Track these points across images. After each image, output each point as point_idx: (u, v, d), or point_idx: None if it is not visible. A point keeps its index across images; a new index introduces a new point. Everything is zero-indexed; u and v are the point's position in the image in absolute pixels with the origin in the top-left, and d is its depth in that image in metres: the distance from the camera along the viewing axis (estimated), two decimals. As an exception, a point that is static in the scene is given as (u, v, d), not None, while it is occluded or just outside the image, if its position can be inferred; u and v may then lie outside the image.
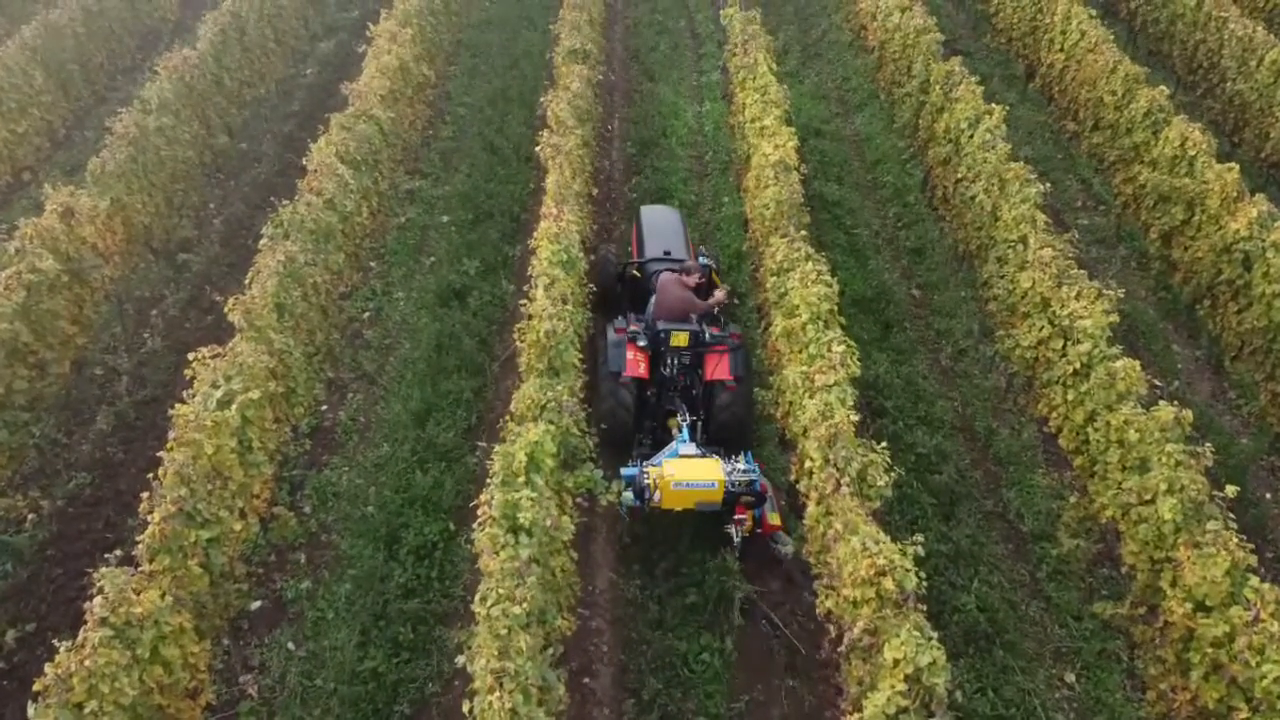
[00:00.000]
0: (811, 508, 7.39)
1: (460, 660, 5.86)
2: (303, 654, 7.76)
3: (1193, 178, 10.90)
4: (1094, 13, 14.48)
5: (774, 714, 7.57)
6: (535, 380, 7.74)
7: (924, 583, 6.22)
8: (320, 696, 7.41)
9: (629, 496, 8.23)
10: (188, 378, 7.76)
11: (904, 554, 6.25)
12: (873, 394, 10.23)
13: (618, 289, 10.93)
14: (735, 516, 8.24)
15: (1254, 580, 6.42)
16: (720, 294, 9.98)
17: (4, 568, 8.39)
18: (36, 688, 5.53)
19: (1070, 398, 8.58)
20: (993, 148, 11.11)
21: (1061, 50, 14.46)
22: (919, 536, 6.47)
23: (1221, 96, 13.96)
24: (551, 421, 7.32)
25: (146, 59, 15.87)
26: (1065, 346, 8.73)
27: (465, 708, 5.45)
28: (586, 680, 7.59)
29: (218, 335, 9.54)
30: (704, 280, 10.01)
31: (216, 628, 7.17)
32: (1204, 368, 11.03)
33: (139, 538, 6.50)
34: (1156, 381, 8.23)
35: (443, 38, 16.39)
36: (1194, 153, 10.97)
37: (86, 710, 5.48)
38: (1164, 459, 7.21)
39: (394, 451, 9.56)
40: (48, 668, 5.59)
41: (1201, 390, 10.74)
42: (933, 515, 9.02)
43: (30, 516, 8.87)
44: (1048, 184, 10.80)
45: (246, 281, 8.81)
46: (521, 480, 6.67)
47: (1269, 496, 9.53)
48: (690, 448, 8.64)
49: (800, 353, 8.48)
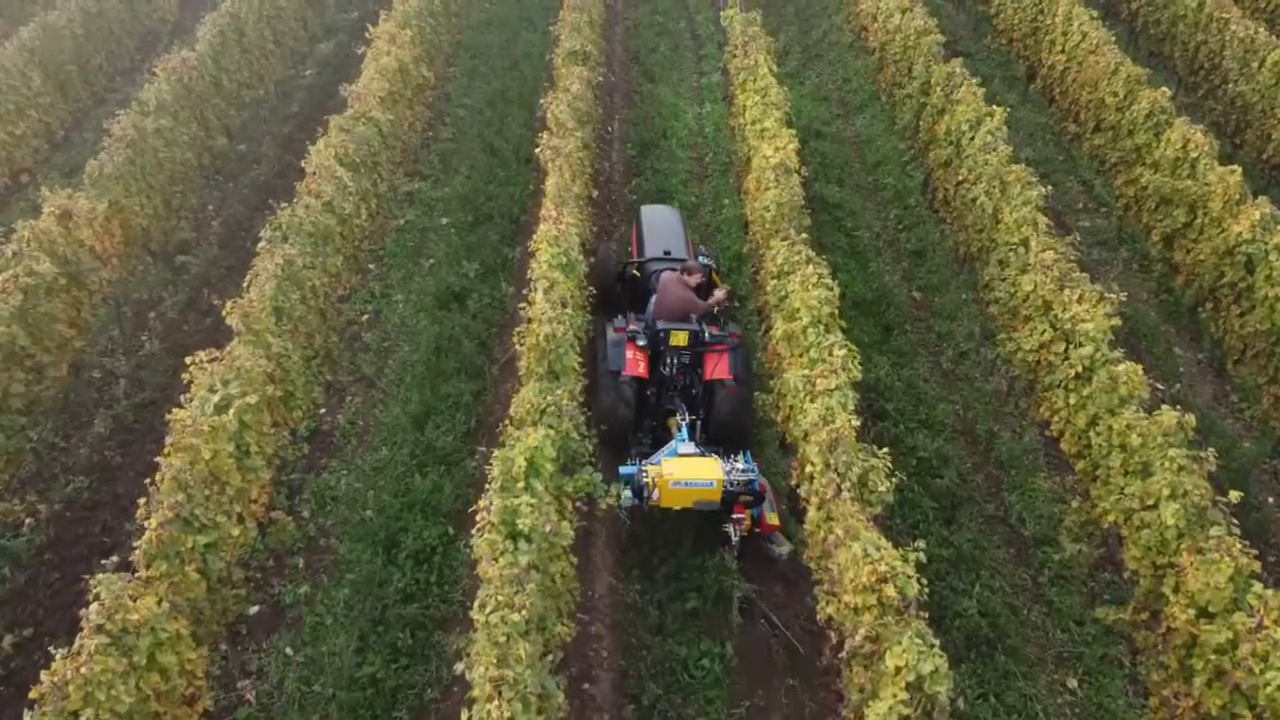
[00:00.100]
0: (812, 513, 7.35)
1: (459, 668, 5.82)
2: (301, 659, 7.71)
3: (1195, 180, 10.86)
4: (1095, 14, 14.42)
5: (774, 720, 7.54)
6: (535, 384, 7.71)
7: (925, 589, 6.18)
8: (319, 702, 7.36)
9: (628, 496, 8.21)
10: (185, 382, 7.73)
11: (905, 560, 6.21)
12: (874, 397, 10.20)
13: (617, 288, 10.89)
14: (734, 516, 8.22)
15: (1257, 586, 6.38)
16: (720, 294, 9.94)
17: (1, 572, 8.35)
18: (32, 695, 5.50)
19: (1072, 401, 8.54)
20: (994, 150, 11.06)
21: (1063, 51, 14.41)
22: (920, 543, 6.42)
23: (1223, 98, 13.91)
24: (551, 426, 7.27)
25: (145, 60, 15.81)
26: (1067, 350, 8.69)
27: (464, 715, 5.40)
28: (586, 686, 7.54)
29: (216, 338, 9.51)
30: (704, 280, 9.98)
31: (214, 633, 7.13)
32: (1206, 371, 10.99)
33: (136, 543, 6.48)
34: (1159, 385, 8.17)
35: (442, 39, 16.34)
36: (1196, 155, 10.93)
37: (82, 718, 5.45)
38: (1167, 464, 7.17)
39: (393, 455, 9.51)
40: (44, 675, 5.56)
41: (1203, 393, 10.69)
42: (934, 519, 8.98)
43: (28, 521, 8.83)
44: (1049, 186, 10.75)
45: (244, 285, 8.78)
46: (521, 486, 6.62)
47: (1271, 500, 9.49)
48: (689, 447, 8.62)
49: (801, 356, 8.45)
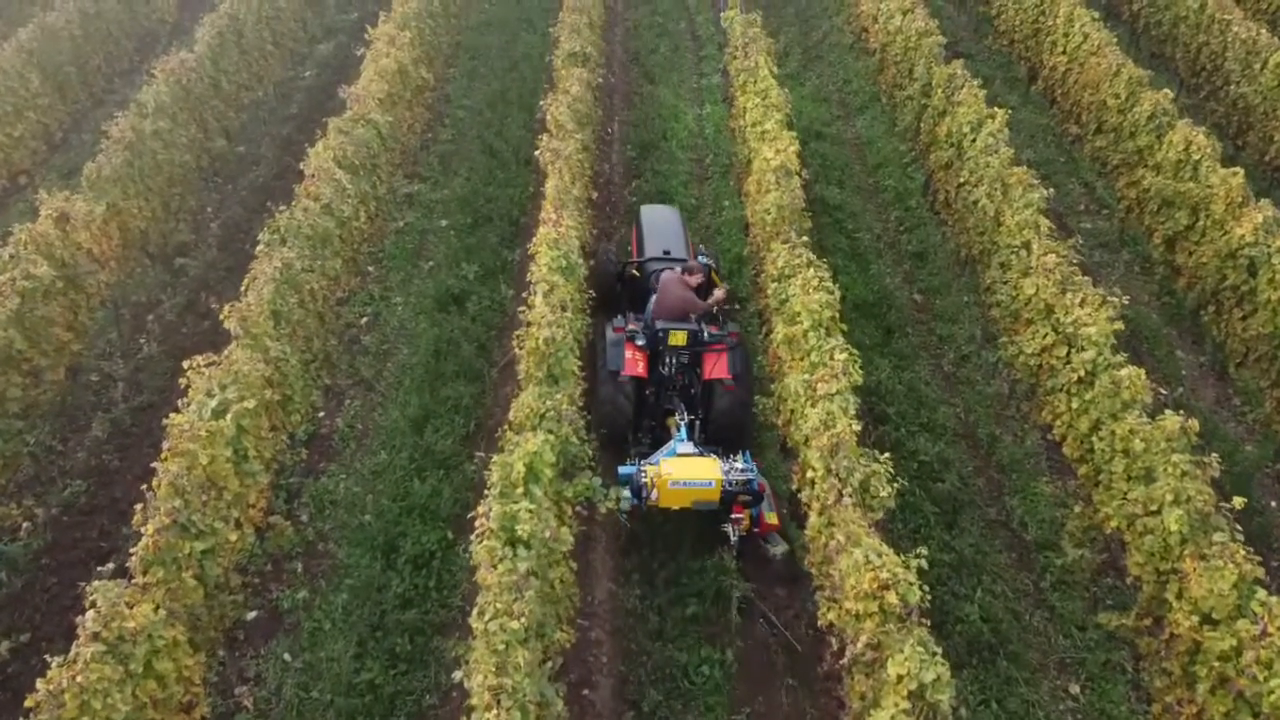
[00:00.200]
0: (813, 518, 7.30)
1: (458, 675, 5.78)
2: (299, 665, 7.67)
3: (1197, 182, 10.81)
4: (1096, 15, 14.37)
5: (775, 726, 7.49)
6: (534, 389, 7.66)
7: (927, 596, 6.14)
8: (317, 709, 7.32)
9: (626, 496, 8.18)
10: (183, 386, 7.69)
11: (907, 567, 6.17)
12: (875, 400, 10.15)
13: (617, 288, 10.86)
14: (732, 515, 8.21)
15: (1261, 593, 6.34)
16: (720, 293, 9.94)
17: (-2, 577, 8.33)
18: (28, 704, 5.46)
19: (1074, 406, 8.49)
20: (995, 152, 11.01)
21: (1064, 53, 14.36)
22: (922, 549, 6.38)
23: (1225, 100, 13.87)
24: (550, 431, 7.23)
25: (144, 61, 15.77)
26: (1069, 354, 8.64)
27: (462, 724, 5.38)
28: (586, 692, 7.50)
29: (214, 341, 9.45)
30: (704, 280, 9.98)
31: (211, 639, 7.09)
32: (1208, 374, 10.94)
33: (133, 549, 6.44)
34: (1161, 390, 8.12)
35: (441, 40, 16.29)
36: (1198, 157, 10.88)
37: (78, 727, 5.42)
38: (1170, 469, 7.12)
39: (392, 459, 9.47)
40: (39, 683, 5.52)
41: (1205, 397, 10.65)
42: (935, 524, 8.94)
43: (25, 525, 8.80)
44: (1050, 189, 10.71)
45: (242, 289, 8.73)
46: (520, 491, 6.59)
47: (1274, 505, 9.44)
48: (688, 446, 8.61)
49: (802, 360, 8.40)
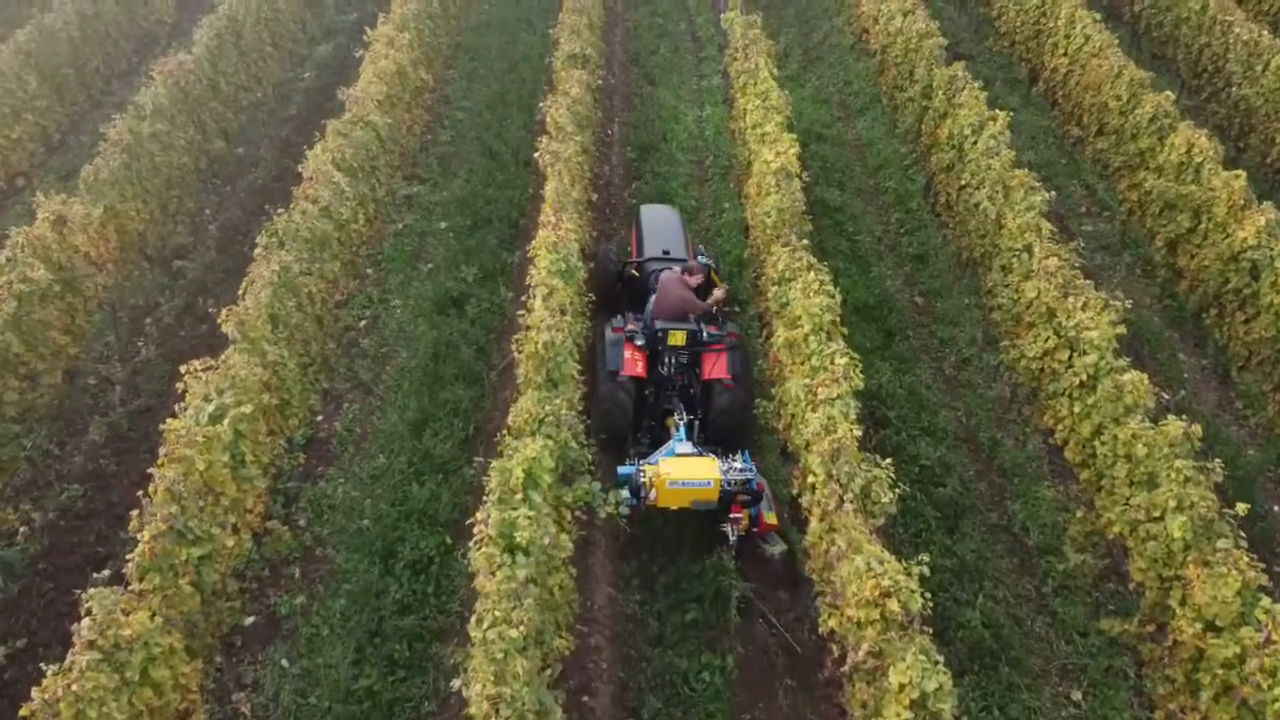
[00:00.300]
0: (814, 524, 7.26)
1: (456, 684, 5.74)
2: (297, 671, 7.62)
3: (1199, 185, 10.77)
4: (1098, 16, 14.31)
5: (776, 733, 7.45)
6: (533, 393, 7.61)
7: (929, 603, 6.10)
8: (314, 715, 7.27)
9: (625, 496, 8.14)
10: (180, 391, 7.65)
11: (909, 574, 6.12)
12: (875, 404, 10.10)
13: (617, 288, 10.84)
14: (731, 515, 8.19)
15: (1265, 600, 6.30)
16: (719, 293, 9.93)
17: (-5, 582, 8.28)
18: (23, 713, 5.42)
19: (1077, 410, 8.45)
20: (997, 154, 10.97)
21: (1065, 54, 14.31)
22: (924, 556, 6.34)
23: (1226, 101, 13.83)
24: (549, 436, 7.19)
25: (143, 63, 15.73)
26: (1071, 358, 8.60)
27: (461, 733, 5.34)
28: (585, 699, 7.45)
29: (213, 343, 9.39)
30: (704, 280, 9.96)
31: (208, 646, 7.05)
32: (1210, 377, 10.89)
33: (129, 555, 6.40)
34: (1164, 394, 8.07)
35: (441, 41, 16.25)
36: (1200, 159, 10.84)
37: (74, 736, 5.38)
38: (1173, 475, 7.08)
39: (390, 463, 9.42)
40: (35, 692, 5.49)
41: (1208, 400, 10.60)
42: (937, 528, 8.89)
43: (21, 529, 8.75)
44: (1052, 191, 10.67)
45: (240, 292, 8.69)
46: (519, 497, 6.54)
47: (1277, 509, 9.40)
48: (686, 446, 8.59)
49: (802, 364, 8.36)
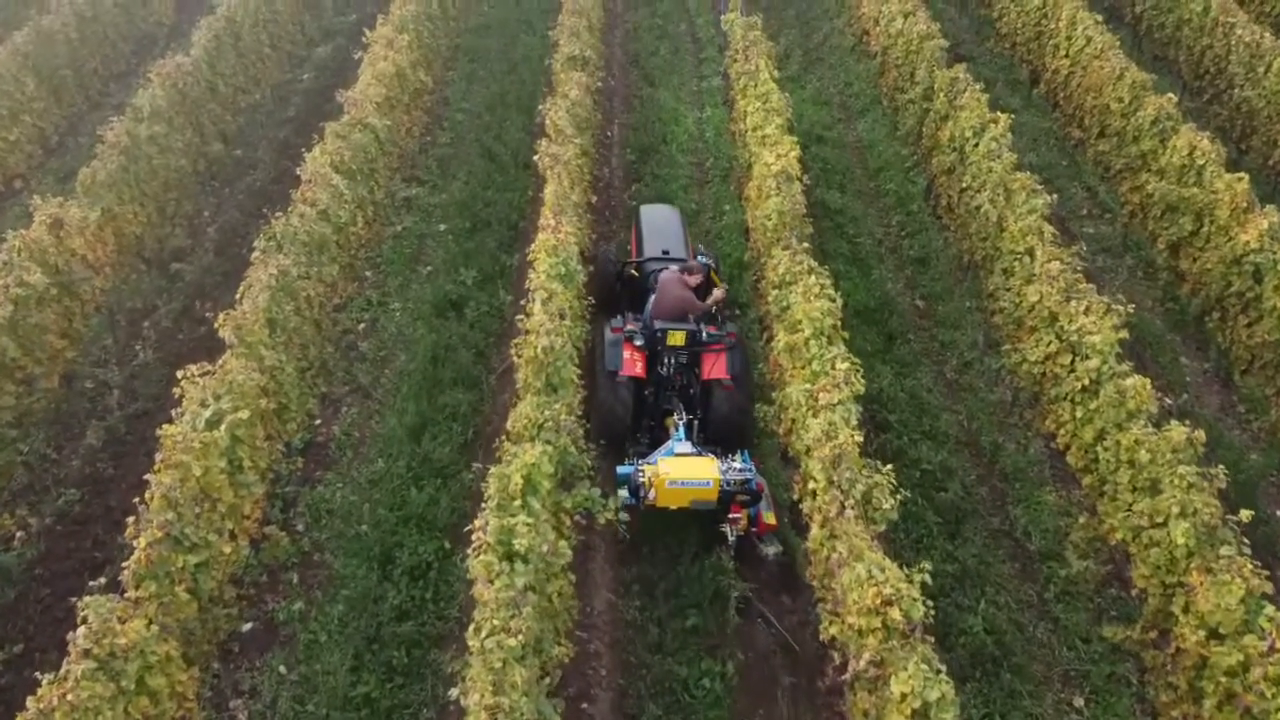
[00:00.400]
0: (815, 530, 7.21)
1: (454, 692, 5.69)
2: (294, 678, 7.58)
3: (1201, 187, 10.72)
4: (1099, 18, 14.26)
5: (776, 741, 7.41)
6: (532, 399, 7.57)
7: (931, 610, 6.05)
8: (312, 723, 7.25)
9: (624, 495, 8.16)
10: (177, 396, 7.60)
11: (910, 582, 6.08)
12: (876, 408, 10.06)
13: (616, 288, 10.81)
14: (730, 515, 8.17)
15: (1269, 608, 6.25)
16: (719, 293, 9.92)
17: (-8, 588, 8.23)
18: (18, 722, 5.38)
19: (1079, 415, 8.40)
20: (998, 157, 10.92)
21: (1067, 56, 14.26)
22: (926, 564, 6.29)
23: (1228, 103, 13.78)
24: (548, 442, 7.14)
25: (141, 64, 15.70)
26: (1073, 362, 8.55)
27: (459, 743, 5.29)
28: (584, 706, 7.40)
29: (210, 347, 9.32)
30: (704, 280, 9.95)
31: (205, 653, 7.00)
32: (1212, 381, 10.84)
33: (126, 562, 6.35)
34: (1167, 400, 8.03)
35: (440, 43, 16.21)
36: (1203, 162, 10.79)
37: (69, 746, 5.34)
38: (1176, 481, 7.03)
39: (389, 467, 9.37)
40: (30, 702, 5.44)
41: (1210, 404, 10.55)
42: (938, 534, 8.85)
43: (18, 534, 8.70)
44: (1054, 194, 10.63)
45: (238, 296, 8.64)
46: (518, 504, 6.49)
47: (1280, 514, 9.37)
48: (686, 446, 8.57)
49: (803, 369, 8.32)
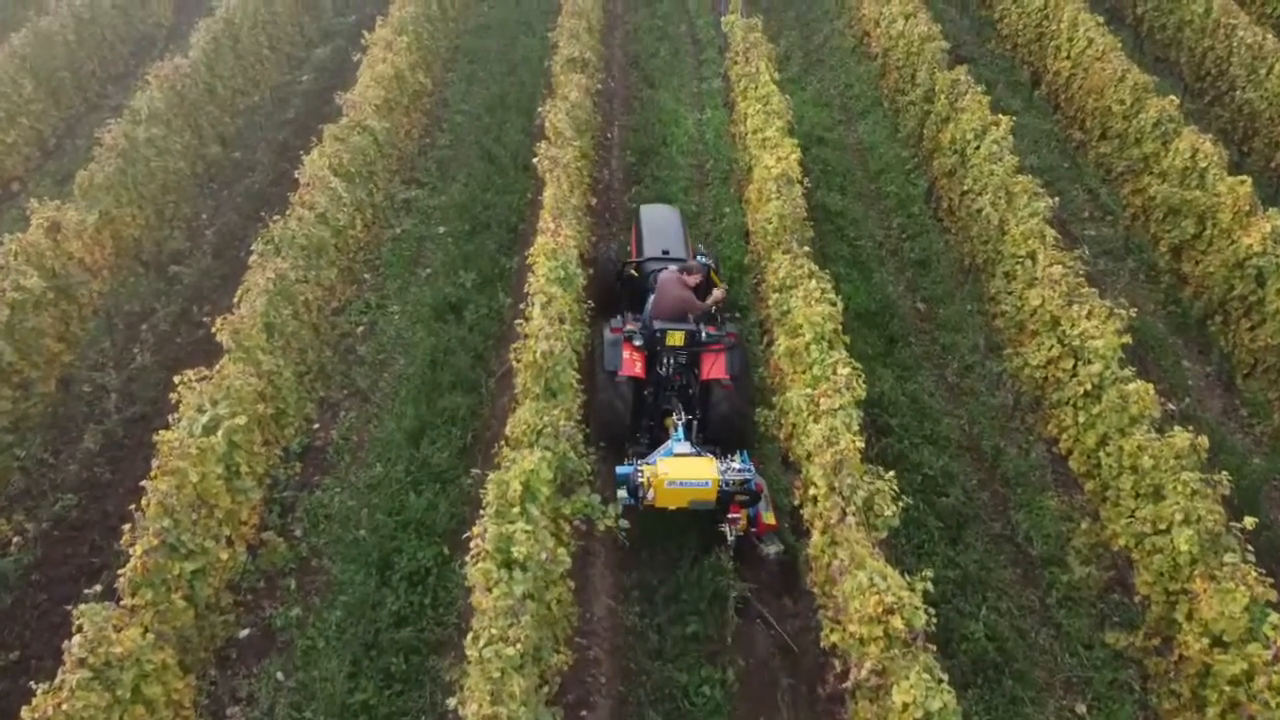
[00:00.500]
0: (816, 537, 7.16)
1: (452, 702, 5.65)
2: (292, 685, 7.53)
3: (1204, 190, 10.66)
4: (1100, 19, 14.21)
5: (777, 748, 7.37)
6: (531, 404, 7.52)
7: (933, 618, 6.01)
8: (310, 730, 7.20)
9: (623, 496, 8.14)
10: (174, 401, 7.56)
11: (912, 590, 6.03)
12: (877, 412, 10.00)
13: (616, 288, 10.78)
14: (729, 515, 8.14)
15: (1274, 616, 6.20)
16: (718, 293, 9.90)
17: (-12, 593, 8.19)
18: (13, 732, 5.34)
19: (1081, 420, 8.35)
20: (1000, 160, 10.87)
21: (1068, 58, 14.21)
22: (928, 572, 6.24)
23: (1230, 105, 13.73)
24: (547, 447, 7.09)
25: (140, 66, 15.64)
26: (1076, 367, 8.50)
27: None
28: (584, 714, 7.36)
29: (209, 350, 9.28)
30: (703, 280, 9.92)
31: (202, 660, 6.96)
32: (1214, 384, 10.79)
33: (120, 571, 6.31)
34: (1170, 405, 7.97)
35: (439, 44, 16.16)
36: (1205, 165, 10.73)
37: (64, 756, 5.30)
38: (1179, 487, 6.98)
39: (387, 472, 9.33)
40: (24, 712, 5.40)
41: (1212, 408, 10.50)
42: (940, 539, 8.80)
43: (15, 540, 8.66)
44: (1055, 197, 10.58)
45: (235, 301, 8.59)
46: (516, 511, 6.44)
47: (1283, 518, 9.31)
48: (685, 446, 8.55)
49: (804, 374, 8.26)
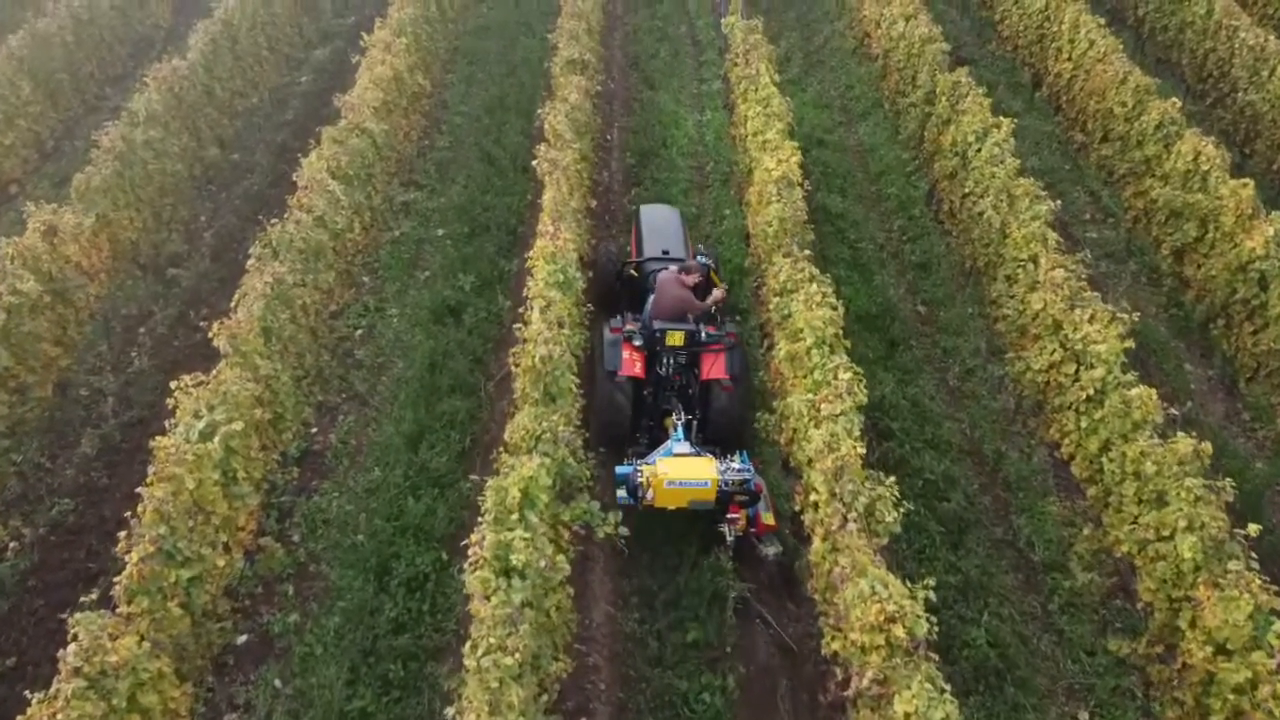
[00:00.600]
0: (817, 543, 7.11)
1: (450, 712, 5.60)
2: (289, 692, 7.48)
3: (1206, 193, 10.62)
4: (1102, 21, 14.16)
5: (777, 756, 7.32)
6: (530, 409, 7.47)
7: (934, 626, 5.96)
8: (307, 738, 7.15)
9: (622, 496, 8.10)
10: (171, 406, 7.51)
11: (914, 598, 5.98)
12: (878, 415, 9.95)
13: (616, 287, 10.75)
14: (728, 515, 8.12)
15: (1278, 625, 6.15)
16: (718, 293, 9.87)
17: (-16, 599, 8.14)
18: (6, 742, 5.29)
19: (1083, 425, 8.31)
20: (1001, 162, 10.83)
21: (1069, 59, 14.16)
22: (930, 580, 6.19)
23: (1232, 107, 13.69)
24: (546, 454, 7.05)
25: (138, 67, 15.57)
26: (1078, 371, 8.45)
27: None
28: (583, 721, 7.33)
29: (207, 353, 9.22)
30: (702, 280, 9.88)
31: (199, 668, 6.91)
32: (1217, 388, 10.74)
33: (116, 579, 6.26)
34: (1173, 410, 7.93)
35: (439, 45, 16.11)
36: (1207, 168, 10.69)
37: (59, 767, 5.25)
38: (1183, 494, 6.94)
39: (385, 476, 9.27)
40: (18, 721, 5.37)
41: (1215, 412, 10.45)
42: (941, 544, 8.74)
43: (12, 545, 8.61)
44: (1057, 199, 10.54)
45: (232, 305, 8.54)
46: (515, 518, 6.40)
47: (1286, 523, 9.25)
48: (684, 446, 8.53)
49: (805, 378, 8.22)
